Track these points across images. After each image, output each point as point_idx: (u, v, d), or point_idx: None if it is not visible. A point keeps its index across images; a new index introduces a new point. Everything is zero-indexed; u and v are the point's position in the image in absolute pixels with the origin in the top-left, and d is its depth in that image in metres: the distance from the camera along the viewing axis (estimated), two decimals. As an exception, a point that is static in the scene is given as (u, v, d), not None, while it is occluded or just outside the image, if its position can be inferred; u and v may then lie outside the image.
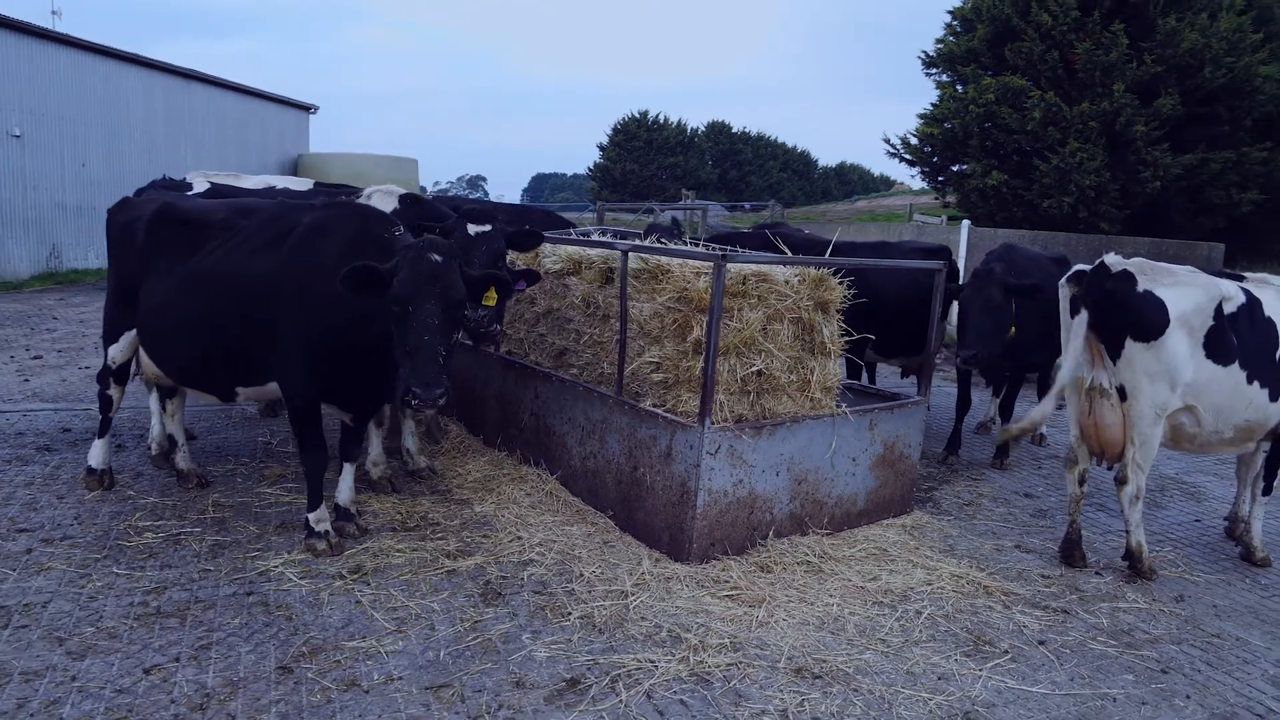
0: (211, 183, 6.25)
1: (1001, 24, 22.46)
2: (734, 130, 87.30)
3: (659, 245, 5.38)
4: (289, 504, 5.31)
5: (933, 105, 25.23)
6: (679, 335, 4.96)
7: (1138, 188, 20.85)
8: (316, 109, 26.13)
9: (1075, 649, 4.12)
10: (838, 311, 5.21)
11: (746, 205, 49.75)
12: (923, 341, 6.09)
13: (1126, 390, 4.75)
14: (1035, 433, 8.02)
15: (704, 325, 4.79)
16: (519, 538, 4.93)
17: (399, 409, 5.68)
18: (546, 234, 6.04)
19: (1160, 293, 4.68)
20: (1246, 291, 4.99)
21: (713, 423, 4.58)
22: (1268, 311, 4.97)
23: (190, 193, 5.95)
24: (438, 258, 3.89)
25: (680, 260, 5.09)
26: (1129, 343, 4.67)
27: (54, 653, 3.52)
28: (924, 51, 25.99)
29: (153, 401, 5.91)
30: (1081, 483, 5.11)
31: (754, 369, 4.85)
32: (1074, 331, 4.86)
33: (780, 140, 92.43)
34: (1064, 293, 4.97)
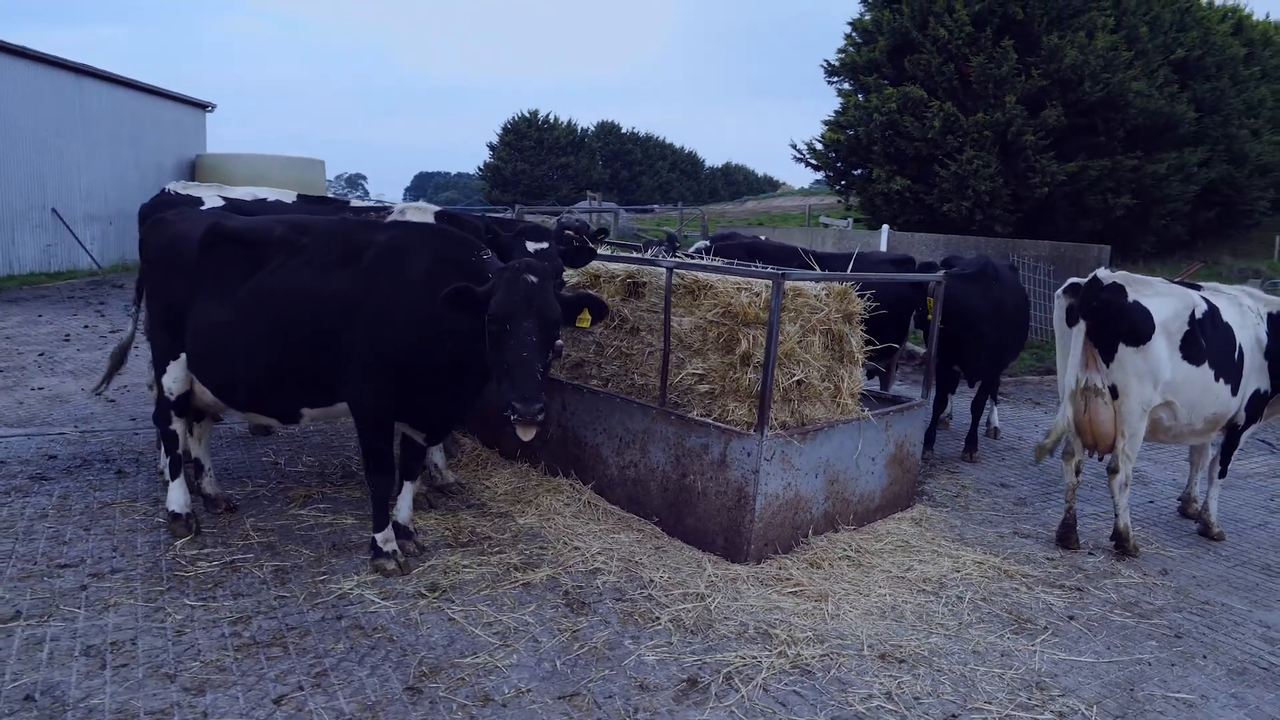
0: (225, 198, 6.05)
1: (901, 37, 23.74)
2: (623, 131, 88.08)
3: (704, 262, 5.61)
4: (330, 525, 5.26)
5: (836, 112, 26.39)
6: (725, 348, 5.22)
7: (1027, 193, 22.51)
8: (214, 107, 24.88)
9: (1100, 622, 4.63)
10: (860, 322, 5.59)
11: (655, 208, 50.30)
12: (890, 346, 6.63)
13: (1118, 389, 5.34)
14: (991, 426, 8.70)
15: (751, 338, 5.08)
16: (576, 548, 5.08)
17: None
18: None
19: (1146, 302, 5.28)
20: (1207, 299, 5.67)
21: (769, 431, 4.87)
22: (1225, 317, 5.66)
23: (204, 207, 5.76)
24: (533, 279, 4.01)
25: (719, 276, 5.36)
26: (1121, 347, 5.25)
27: (169, 690, 3.46)
28: (826, 60, 27.14)
29: (162, 425, 5.72)
30: (1078, 473, 5.69)
31: (795, 379, 5.17)
32: (1074, 339, 5.41)
33: (668, 141, 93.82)
34: (1060, 303, 5.51)
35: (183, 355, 4.83)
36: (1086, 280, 5.36)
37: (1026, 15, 22.28)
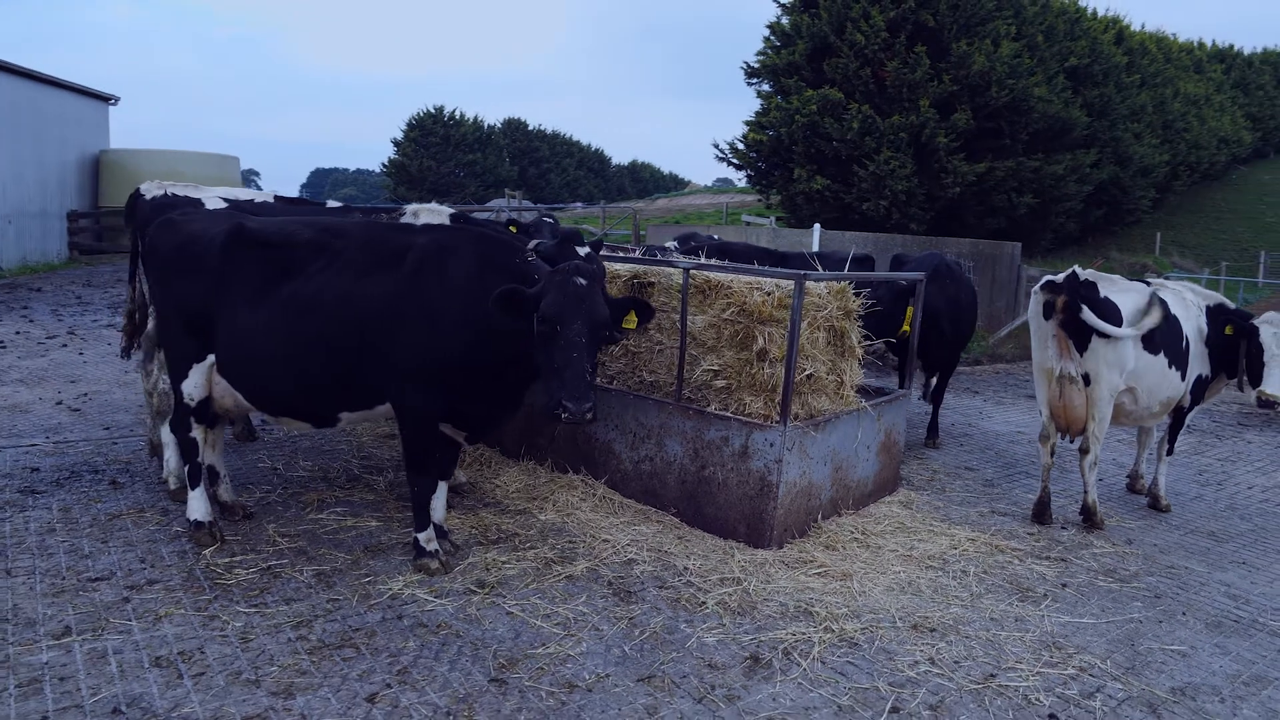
0: (227, 200, 5.89)
1: (820, 41, 24.55)
2: (531, 128, 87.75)
3: (717, 263, 5.84)
4: (355, 528, 5.27)
5: (758, 113, 27.07)
6: (740, 345, 5.48)
7: (940, 192, 23.66)
8: (117, 100, 23.56)
9: (1090, 588, 5.11)
10: (858, 319, 5.94)
11: (579, 206, 50.24)
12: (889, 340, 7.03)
13: (1090, 377, 5.85)
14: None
15: (766, 335, 5.35)
16: (605, 540, 5.25)
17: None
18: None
19: (1114, 297, 5.81)
20: (1157, 293, 6.26)
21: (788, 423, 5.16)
22: (1173, 310, 6.26)
23: (210, 209, 5.63)
24: (583, 281, 4.17)
25: (732, 276, 5.61)
26: (1094, 338, 5.76)
27: (258, 695, 3.48)
28: (746, 62, 27.83)
29: (164, 433, 5.59)
30: (1052, 454, 6.20)
31: (805, 373, 5.47)
32: (1049, 332, 5.90)
33: (575, 138, 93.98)
34: (1038, 299, 5.99)
35: (207, 359, 4.76)
36: (1064, 278, 5.85)
37: (937, 23, 23.40)
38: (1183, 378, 6.24)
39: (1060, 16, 26.52)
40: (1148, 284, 6.47)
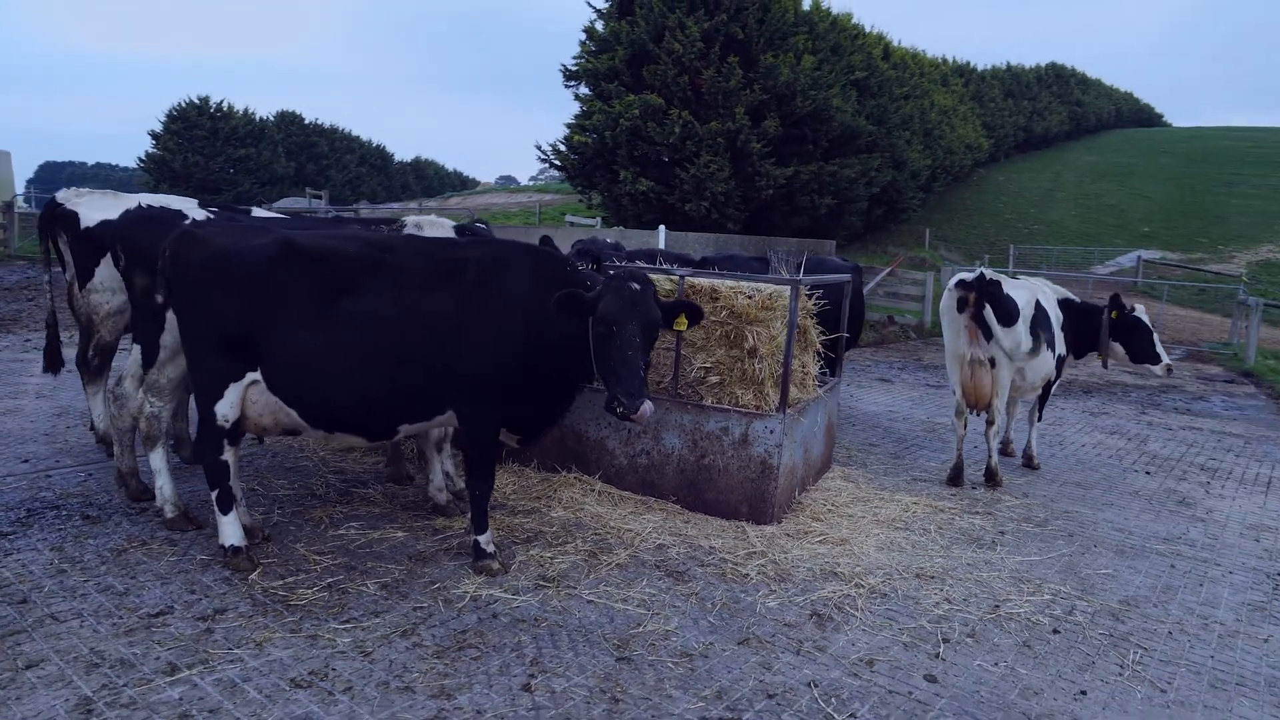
0: (213, 210, 5.52)
1: (639, 48, 25.58)
2: (307, 122, 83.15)
3: (710, 271, 6.35)
4: (384, 539, 5.30)
5: (578, 116, 27.69)
6: (731, 343, 6.07)
7: (754, 194, 25.52)
8: None
9: (1021, 534, 6.23)
10: (812, 317, 6.72)
11: (365, 206, 48.29)
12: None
13: (995, 360, 7.03)
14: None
15: (755, 334, 6.00)
16: (628, 529, 5.66)
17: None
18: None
19: (1012, 293, 7.02)
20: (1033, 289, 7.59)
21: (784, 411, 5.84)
22: (1045, 303, 7.62)
23: (193, 219, 5.31)
24: (637, 286, 4.58)
25: (719, 281, 6.19)
26: (998, 328, 6.93)
27: (419, 699, 3.61)
28: (564, 65, 28.32)
29: (155, 459, 5.31)
30: (965, 427, 7.34)
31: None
32: (961, 323, 7.01)
33: (355, 134, 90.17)
34: (952, 295, 7.08)
35: (245, 378, 4.64)
36: (973, 276, 6.97)
37: (746, 35, 25.19)
38: (1054, 358, 7.62)
39: (843, 33, 29.35)
40: (1016, 276, 7.79)
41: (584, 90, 27.94)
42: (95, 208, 6.31)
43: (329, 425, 4.76)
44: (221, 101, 68.87)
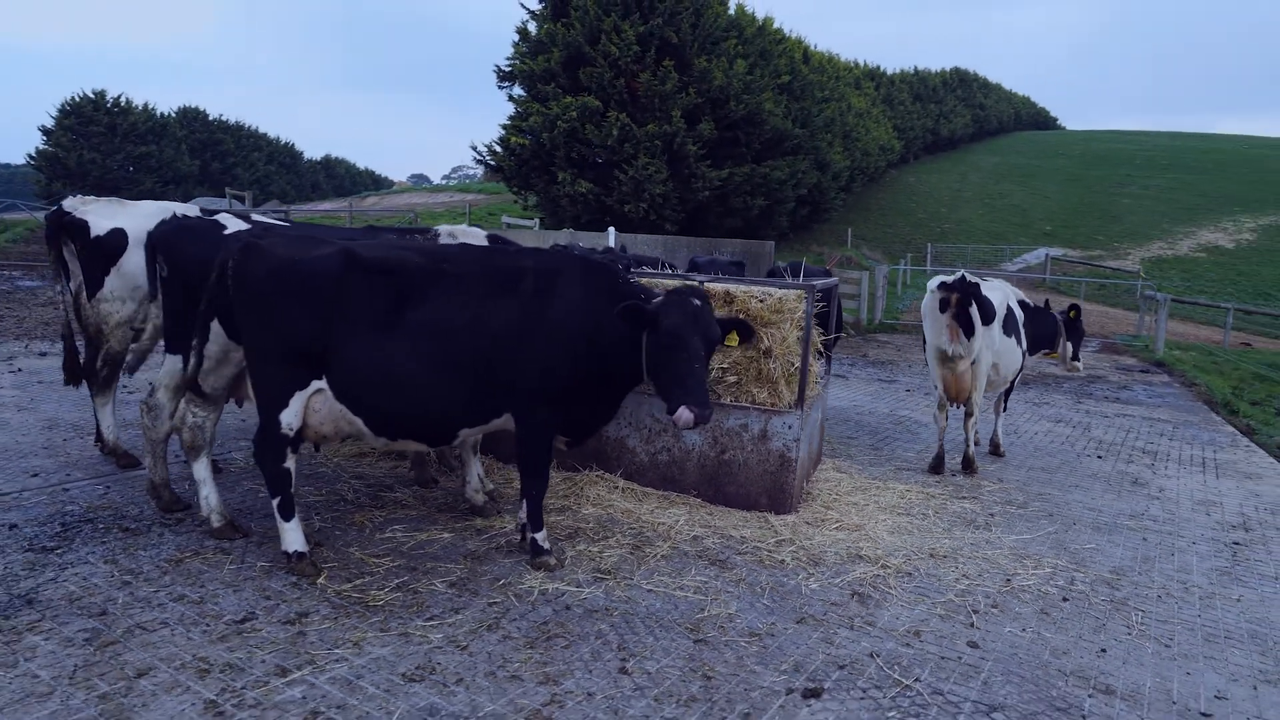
0: (252, 220, 5.51)
1: (574, 50, 25.80)
2: (211, 118, 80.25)
3: (727, 277, 6.69)
4: (432, 541, 5.45)
5: (512, 117, 27.72)
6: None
7: (691, 195, 26.10)
8: None
9: (1008, 515, 6.81)
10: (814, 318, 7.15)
11: (328, 206, 46.92)
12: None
13: (975, 356, 7.61)
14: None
15: (769, 335, 6.39)
16: (659, 523, 5.96)
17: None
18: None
19: (990, 295, 7.62)
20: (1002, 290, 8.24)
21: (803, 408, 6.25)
22: (1009, 303, 8.27)
23: (230, 231, 5.32)
24: (698, 301, 4.91)
25: (735, 285, 6.55)
26: (978, 326, 7.51)
27: (529, 685, 3.84)
28: (498, 66, 28.31)
29: (200, 469, 5.35)
30: (946, 419, 7.91)
31: (796, 366, 6.59)
32: (943, 322, 7.57)
33: (262, 131, 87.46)
34: (934, 296, 7.63)
35: (310, 386, 4.75)
36: (955, 279, 7.53)
37: (680, 39, 25.72)
38: (1022, 355, 8.28)
39: (769, 39, 30.22)
40: (984, 279, 8.42)
41: (518, 91, 27.99)
42: (104, 216, 6.28)
43: (392, 432, 4.90)
44: (119, 96, 65.93)
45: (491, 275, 4.90)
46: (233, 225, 5.50)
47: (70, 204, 6.31)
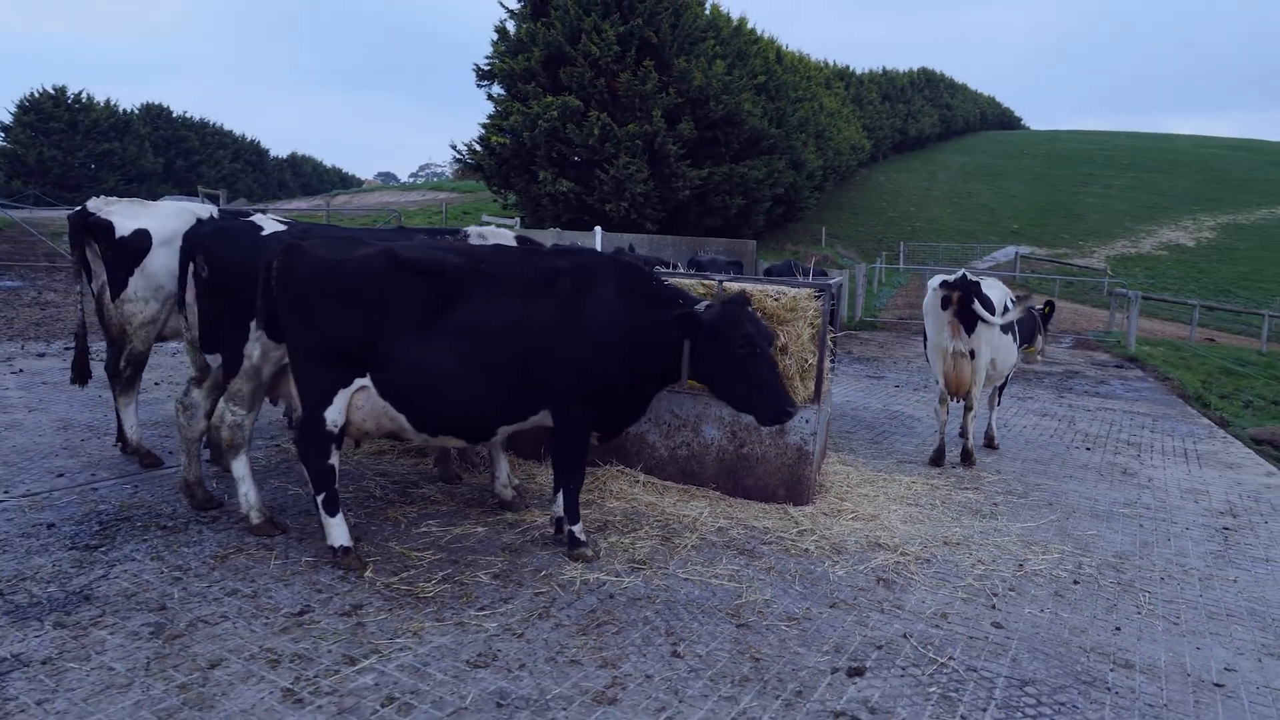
0: (284, 221, 5.58)
1: (555, 49, 25.87)
2: (175, 115, 79.09)
3: (748, 276, 6.89)
4: (468, 535, 5.58)
5: (492, 117, 27.71)
6: (764, 343, 6.65)
7: (671, 194, 26.30)
8: None
9: (1010, 504, 7.10)
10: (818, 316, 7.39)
11: (303, 204, 46.48)
12: None
13: (974, 352, 7.91)
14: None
15: (785, 333, 6.61)
16: (683, 515, 6.15)
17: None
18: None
19: (989, 294, 7.91)
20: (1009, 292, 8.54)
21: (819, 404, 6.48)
22: (1006, 302, 8.57)
23: (268, 232, 5.40)
24: (750, 308, 5.15)
25: (747, 284, 6.75)
26: (979, 323, 7.80)
27: (589, 669, 3.99)
28: (477, 65, 28.28)
29: (240, 466, 5.43)
30: (947, 413, 8.20)
31: (809, 363, 6.82)
32: (945, 319, 7.85)
33: (228, 128, 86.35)
34: (937, 294, 7.91)
35: (353, 384, 4.87)
36: (956, 278, 7.81)
37: (660, 40, 25.90)
38: (1017, 350, 8.60)
39: (745, 39, 30.53)
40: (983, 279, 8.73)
41: (498, 90, 27.99)
42: (128, 216, 6.33)
43: (434, 429, 5.04)
44: (80, 92, 64.79)
45: (528, 275, 5.05)
46: (270, 227, 5.58)
47: (94, 204, 6.35)
